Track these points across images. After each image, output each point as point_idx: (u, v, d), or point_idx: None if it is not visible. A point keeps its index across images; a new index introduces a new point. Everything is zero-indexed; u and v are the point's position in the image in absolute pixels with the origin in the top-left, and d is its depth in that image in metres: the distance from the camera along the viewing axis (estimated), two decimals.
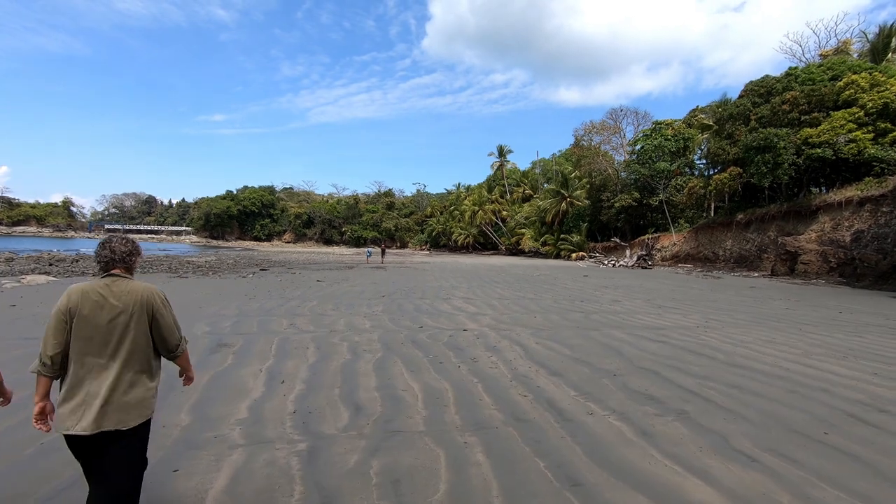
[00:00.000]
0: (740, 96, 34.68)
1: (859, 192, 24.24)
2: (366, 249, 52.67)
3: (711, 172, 39.07)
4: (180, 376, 2.59)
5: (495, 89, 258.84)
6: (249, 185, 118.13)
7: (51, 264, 23.30)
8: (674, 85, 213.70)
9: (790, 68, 32.97)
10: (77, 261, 26.39)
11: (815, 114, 28.13)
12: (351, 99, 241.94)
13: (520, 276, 22.52)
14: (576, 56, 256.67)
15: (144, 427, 2.29)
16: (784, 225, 28.73)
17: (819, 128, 27.08)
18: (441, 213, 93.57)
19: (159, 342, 2.34)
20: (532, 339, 7.34)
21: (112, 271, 2.31)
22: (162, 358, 2.42)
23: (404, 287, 15.86)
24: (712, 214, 39.84)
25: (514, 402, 4.43)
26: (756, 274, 28.00)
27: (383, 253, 46.92)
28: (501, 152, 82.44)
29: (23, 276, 15.86)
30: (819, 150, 26.41)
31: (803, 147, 27.48)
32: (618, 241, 44.04)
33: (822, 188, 30.69)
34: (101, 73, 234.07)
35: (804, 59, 44.44)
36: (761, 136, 28.42)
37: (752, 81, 34.13)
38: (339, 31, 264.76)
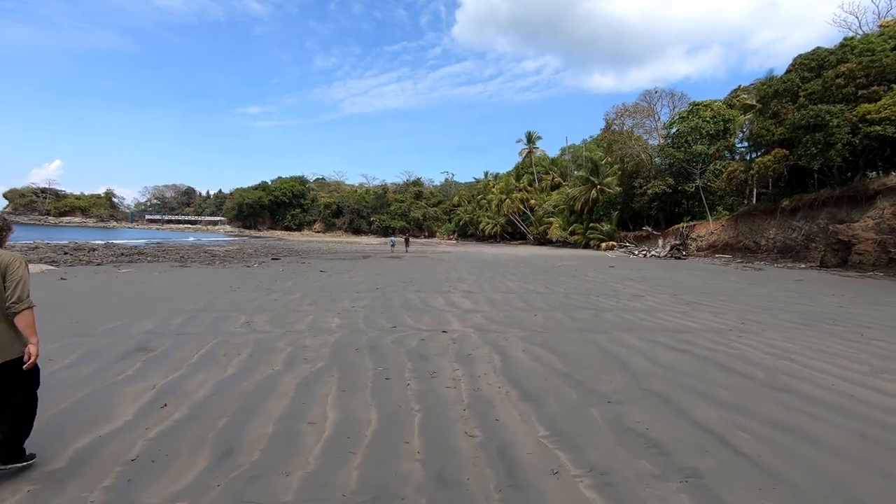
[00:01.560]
0: (788, 71, 31.75)
1: None
2: (389, 239, 52.43)
3: (754, 156, 36.26)
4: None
5: (527, 76, 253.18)
6: (283, 176, 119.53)
7: (66, 253, 23.29)
8: (714, 68, 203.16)
9: (845, 38, 29.91)
10: (93, 250, 26.36)
11: (875, 87, 25.27)
12: (382, 89, 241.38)
13: (539, 267, 21.02)
14: (610, 40, 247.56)
15: (12, 364, 2.63)
16: (836, 211, 26.08)
17: (879, 103, 24.27)
18: (469, 203, 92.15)
19: (6, 296, 2.61)
20: (519, 346, 6.01)
21: None
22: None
23: (406, 278, 14.68)
24: (754, 201, 37.06)
25: (452, 447, 3.15)
26: (802, 265, 25.59)
27: (407, 242, 46.34)
28: (530, 139, 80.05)
29: None
30: (878, 128, 23.66)
31: (860, 125, 24.74)
32: (650, 229, 41.68)
33: (880, 171, 27.76)
34: (145, 69, 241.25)
35: (861, 32, 40.60)
36: (811, 113, 25.78)
37: (801, 55, 31.18)
38: (370, 21, 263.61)
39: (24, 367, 2.64)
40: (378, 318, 7.70)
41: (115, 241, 38.47)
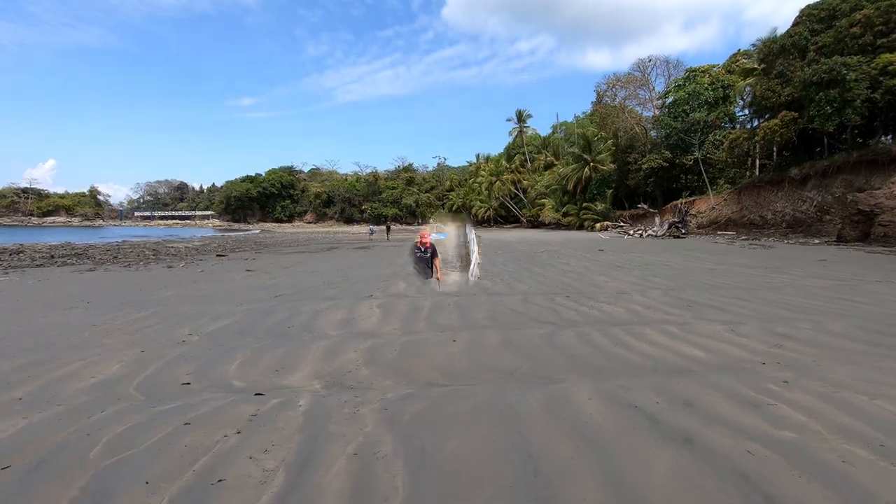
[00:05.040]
0: (794, 24, 28.45)
1: None
2: (368, 227, 51.54)
3: (757, 123, 33.06)
4: None
5: (521, 58, 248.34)
6: (275, 168, 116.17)
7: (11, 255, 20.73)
8: (712, 42, 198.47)
9: None
10: (20, 252, 23.38)
11: None
12: (375, 76, 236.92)
13: (516, 254, 18.07)
14: (604, 17, 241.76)
15: None
16: (853, 179, 23.06)
17: None
18: (461, 187, 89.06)
19: None
20: (360, 435, 3.05)
21: None
22: None
23: (338, 277, 11.75)
24: (758, 172, 33.98)
25: None
26: (817, 240, 22.61)
27: (388, 230, 44.31)
28: (521, 117, 76.51)
29: None
30: None
31: (881, 78, 21.59)
32: (646, 207, 38.63)
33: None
34: (135, 64, 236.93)
35: None
36: (824, 67, 22.59)
37: (809, 5, 27.84)
38: (360, 6, 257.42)
39: None
40: (185, 364, 4.73)
41: (73, 242, 35.46)
